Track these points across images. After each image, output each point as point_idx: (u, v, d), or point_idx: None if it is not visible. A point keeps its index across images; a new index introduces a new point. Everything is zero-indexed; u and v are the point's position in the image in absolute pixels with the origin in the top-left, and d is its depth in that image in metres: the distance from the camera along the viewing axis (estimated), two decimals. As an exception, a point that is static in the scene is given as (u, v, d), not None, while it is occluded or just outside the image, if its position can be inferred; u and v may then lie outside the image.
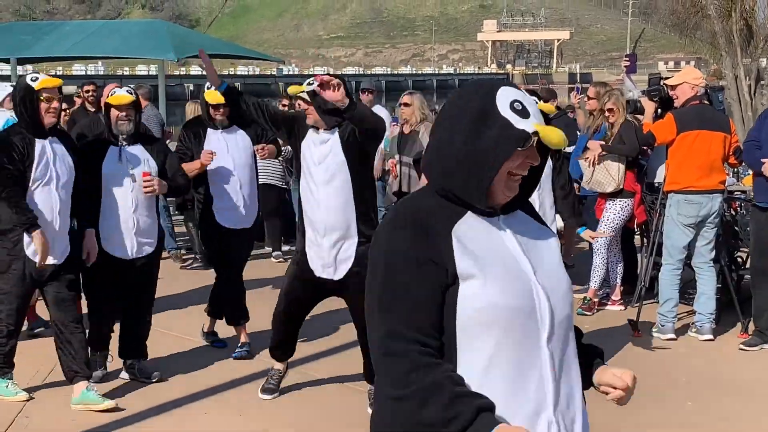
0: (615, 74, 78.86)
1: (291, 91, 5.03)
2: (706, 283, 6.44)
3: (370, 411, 4.94)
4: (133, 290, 5.35)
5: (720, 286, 6.68)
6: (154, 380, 5.36)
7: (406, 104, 7.43)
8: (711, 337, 6.40)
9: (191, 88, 60.35)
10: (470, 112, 1.89)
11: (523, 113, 1.87)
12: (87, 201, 5.05)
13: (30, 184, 4.78)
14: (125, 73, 74.00)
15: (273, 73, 78.33)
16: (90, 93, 8.78)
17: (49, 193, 4.82)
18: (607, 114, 7.03)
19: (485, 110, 1.87)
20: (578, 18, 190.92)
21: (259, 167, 6.28)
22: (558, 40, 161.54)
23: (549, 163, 5.64)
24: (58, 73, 40.34)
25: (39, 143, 4.81)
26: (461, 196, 1.90)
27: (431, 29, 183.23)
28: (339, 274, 4.76)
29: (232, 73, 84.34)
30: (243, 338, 5.95)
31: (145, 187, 5.14)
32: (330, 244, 4.71)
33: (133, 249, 5.21)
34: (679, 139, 6.34)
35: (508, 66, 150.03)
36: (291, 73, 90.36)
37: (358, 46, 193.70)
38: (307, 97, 4.69)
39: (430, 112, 7.92)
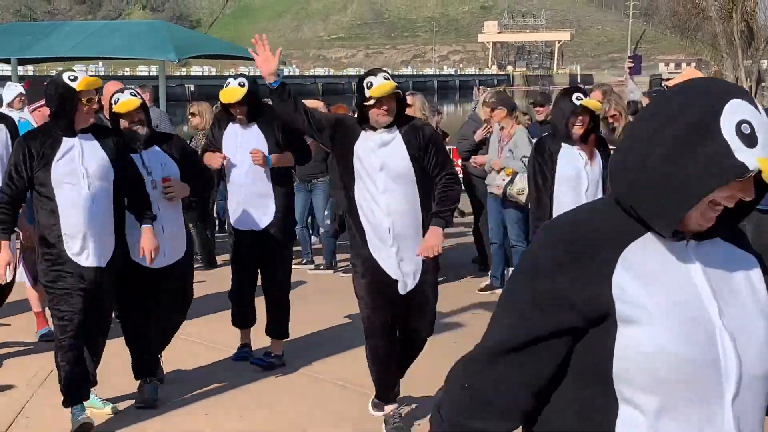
0: (616, 75, 78.91)
1: (378, 93, 4.33)
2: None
3: (371, 411, 4.95)
4: (166, 298, 5.06)
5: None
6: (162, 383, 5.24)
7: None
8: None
9: (192, 88, 60.35)
10: (684, 121, 1.52)
11: (750, 140, 1.49)
12: (140, 195, 4.76)
13: (53, 184, 4.47)
14: (126, 73, 73.96)
15: (274, 73, 78.15)
16: (91, 93, 8.78)
17: (78, 192, 4.47)
18: (610, 120, 7.00)
19: (704, 124, 1.51)
20: (579, 19, 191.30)
21: None
22: (559, 41, 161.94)
23: (597, 165, 5.44)
24: (58, 74, 40.15)
25: (68, 141, 4.52)
26: (645, 218, 1.57)
27: (432, 30, 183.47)
28: (403, 290, 4.52)
29: (233, 73, 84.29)
30: (245, 340, 5.91)
31: (166, 193, 4.92)
32: (397, 251, 4.45)
33: (163, 257, 4.89)
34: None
35: (509, 67, 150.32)
36: (292, 74, 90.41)
37: (358, 47, 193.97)
38: (400, 97, 4.50)
39: (431, 113, 7.91)
